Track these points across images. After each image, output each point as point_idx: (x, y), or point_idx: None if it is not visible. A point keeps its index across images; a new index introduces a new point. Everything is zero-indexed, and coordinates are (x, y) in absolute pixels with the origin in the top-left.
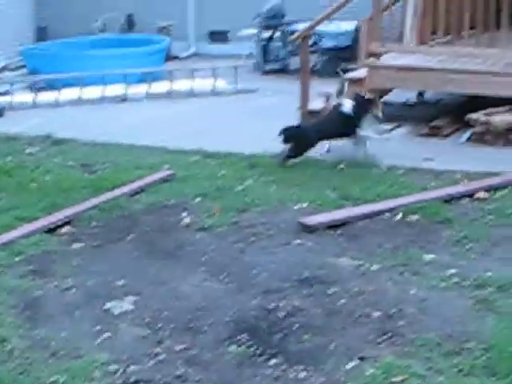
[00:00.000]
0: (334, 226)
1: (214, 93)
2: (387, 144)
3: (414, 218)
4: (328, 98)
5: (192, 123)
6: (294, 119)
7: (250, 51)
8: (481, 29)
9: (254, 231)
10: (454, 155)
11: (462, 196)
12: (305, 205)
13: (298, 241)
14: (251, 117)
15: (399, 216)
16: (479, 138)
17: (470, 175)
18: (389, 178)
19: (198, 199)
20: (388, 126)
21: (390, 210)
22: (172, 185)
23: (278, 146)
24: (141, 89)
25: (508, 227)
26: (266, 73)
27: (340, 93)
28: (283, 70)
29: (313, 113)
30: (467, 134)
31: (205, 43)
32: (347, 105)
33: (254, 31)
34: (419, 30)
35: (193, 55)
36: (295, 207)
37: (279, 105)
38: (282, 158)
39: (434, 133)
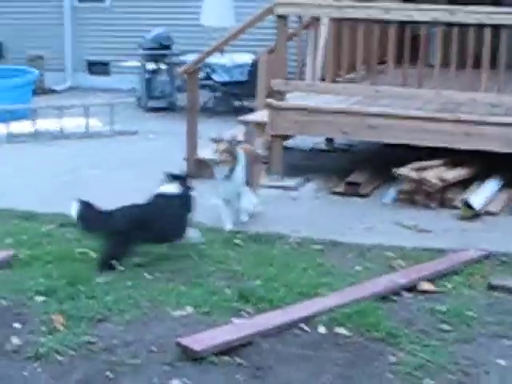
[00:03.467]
0: (229, 349)
1: (87, 135)
2: (294, 206)
3: (344, 331)
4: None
5: (54, 175)
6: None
7: (132, 85)
8: (394, 64)
9: (113, 359)
10: (379, 222)
11: (401, 289)
12: (189, 310)
13: (177, 381)
14: (126, 167)
15: (322, 329)
16: (407, 198)
17: (405, 253)
18: (301, 258)
19: (39, 299)
20: (292, 181)
21: (308, 318)
22: (7, 274)
23: None
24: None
25: (470, 344)
26: (150, 110)
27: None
28: (170, 108)
29: (202, 162)
30: (392, 193)
31: (83, 75)
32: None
33: (137, 63)
34: (330, 65)
35: (70, 88)
36: (175, 313)
37: (162, 151)
38: None
39: (352, 191)
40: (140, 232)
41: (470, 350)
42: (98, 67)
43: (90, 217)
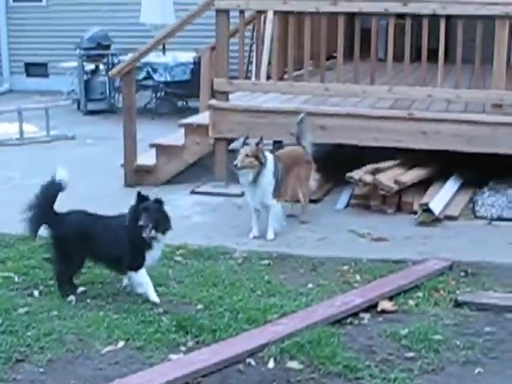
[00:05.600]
0: None
1: (21, 142)
2: (239, 215)
3: (296, 365)
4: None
5: None
6: (117, 178)
7: (72, 87)
8: (344, 59)
9: None
10: (332, 231)
11: (359, 310)
12: (120, 344)
13: None
14: None
15: (271, 363)
16: (362, 203)
17: (360, 266)
18: (248, 276)
19: None
20: (237, 188)
21: (256, 351)
22: None
23: None
24: None
25: (439, 374)
26: (89, 113)
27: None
28: (110, 110)
29: (143, 170)
30: (345, 198)
31: (21, 77)
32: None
33: (74, 64)
34: (276, 62)
35: (7, 92)
36: (104, 349)
37: (100, 157)
38: None
39: None
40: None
41: (440, 381)
42: (35, 69)
43: None
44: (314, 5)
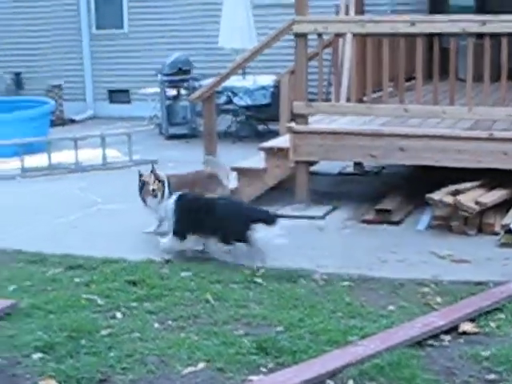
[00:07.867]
0: None
1: (104, 166)
2: (320, 237)
3: None
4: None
5: (67, 211)
6: None
7: (154, 112)
8: (423, 80)
9: None
10: (413, 252)
11: (440, 332)
12: (201, 365)
13: None
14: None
15: None
16: (443, 224)
17: (442, 287)
18: (328, 298)
19: (36, 357)
20: (318, 210)
21: (336, 372)
22: (5, 327)
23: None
24: (14, 163)
25: None
26: (171, 138)
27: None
28: (191, 134)
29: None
30: (426, 220)
31: (104, 104)
32: None
33: (156, 90)
34: (354, 84)
35: (91, 118)
36: (185, 371)
37: None
38: None
39: (382, 219)
40: None
41: None
42: (118, 95)
43: None
44: (392, 27)
